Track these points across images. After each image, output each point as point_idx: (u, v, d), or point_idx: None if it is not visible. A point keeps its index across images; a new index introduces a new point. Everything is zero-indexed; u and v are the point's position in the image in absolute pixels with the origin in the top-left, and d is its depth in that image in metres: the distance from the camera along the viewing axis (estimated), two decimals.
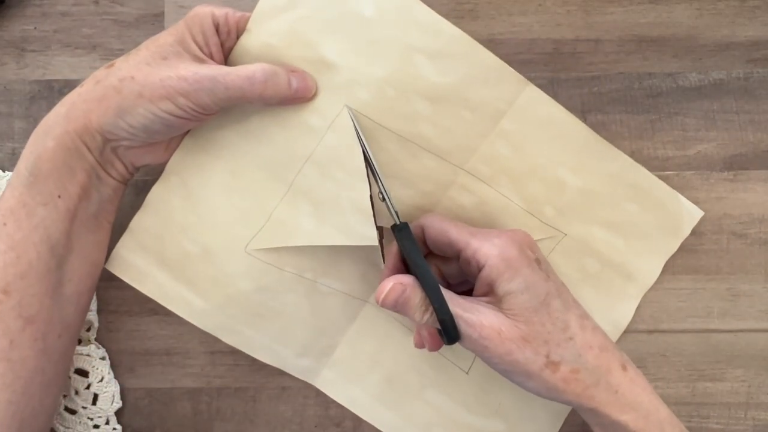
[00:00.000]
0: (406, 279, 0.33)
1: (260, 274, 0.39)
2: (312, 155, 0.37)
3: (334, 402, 0.41)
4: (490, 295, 0.34)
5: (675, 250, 0.40)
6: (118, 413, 0.41)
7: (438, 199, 0.39)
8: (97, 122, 0.34)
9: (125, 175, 0.37)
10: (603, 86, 0.41)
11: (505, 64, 0.37)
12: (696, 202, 0.40)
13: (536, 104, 0.38)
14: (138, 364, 0.41)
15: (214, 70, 0.34)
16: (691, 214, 0.40)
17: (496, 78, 0.37)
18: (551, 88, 0.41)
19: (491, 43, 0.40)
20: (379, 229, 0.37)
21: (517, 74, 0.37)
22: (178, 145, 0.38)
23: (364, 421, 0.41)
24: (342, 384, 0.41)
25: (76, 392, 0.40)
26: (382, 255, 0.37)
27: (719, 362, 0.40)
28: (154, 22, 0.42)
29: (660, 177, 0.41)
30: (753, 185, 0.41)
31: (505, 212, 0.39)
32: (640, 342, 0.40)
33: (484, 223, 0.39)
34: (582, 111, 0.41)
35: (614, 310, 0.40)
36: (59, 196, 0.34)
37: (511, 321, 0.32)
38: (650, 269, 0.40)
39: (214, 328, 0.40)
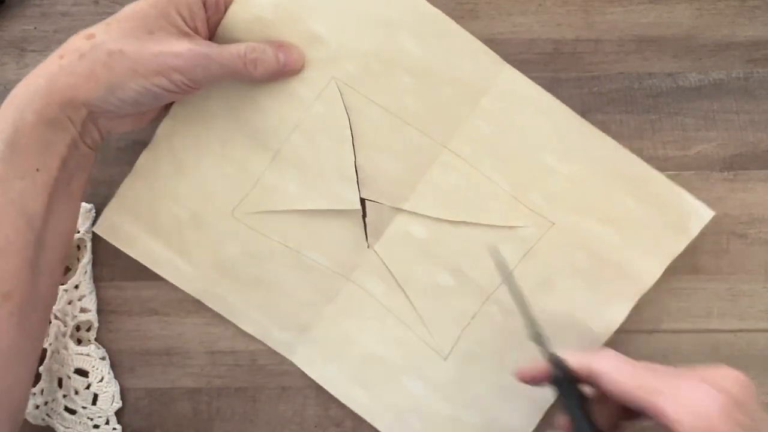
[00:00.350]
0: None
1: (247, 239, 0.40)
2: (300, 124, 0.39)
3: (334, 402, 0.41)
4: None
5: (680, 251, 0.39)
6: (118, 413, 0.41)
7: (421, 175, 0.39)
8: (84, 96, 0.33)
9: (99, 142, 0.36)
10: (603, 86, 0.41)
11: (482, 44, 0.38)
12: None
13: (516, 85, 0.39)
14: (138, 364, 0.41)
15: (207, 48, 0.35)
16: (698, 213, 0.39)
17: (474, 57, 0.38)
18: (551, 88, 0.41)
19: (491, 43, 0.40)
20: (362, 201, 0.39)
21: (494, 54, 0.38)
22: (160, 111, 0.39)
23: (365, 421, 0.41)
24: (318, 361, 0.41)
25: (76, 392, 0.40)
26: (365, 231, 0.39)
27: (719, 362, 0.40)
28: None
29: None
30: (753, 185, 0.41)
31: (490, 196, 0.39)
32: (640, 342, 0.40)
33: (465, 205, 0.39)
34: (582, 111, 0.41)
35: (606, 310, 0.39)
36: (37, 170, 0.33)
37: None
38: (649, 270, 0.39)
39: (200, 293, 0.40)
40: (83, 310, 0.40)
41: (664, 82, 0.41)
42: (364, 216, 0.40)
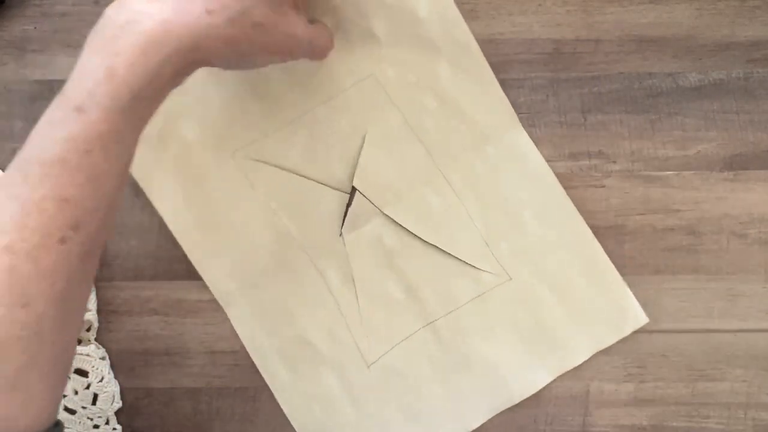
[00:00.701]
0: None
1: (235, 182, 0.41)
2: (328, 101, 0.41)
3: None
4: None
5: (608, 344, 0.40)
6: (118, 413, 0.41)
7: (412, 189, 0.41)
8: (216, 59, 0.31)
9: None
10: (603, 86, 0.41)
11: (505, 97, 0.40)
12: (696, 202, 0.40)
13: (521, 143, 0.41)
14: (138, 364, 0.41)
15: (310, 33, 0.35)
16: (636, 316, 0.40)
17: (495, 106, 0.40)
18: (551, 88, 0.41)
19: (491, 43, 0.40)
20: (353, 190, 0.40)
21: (512, 111, 0.40)
22: None
23: None
24: (252, 323, 0.41)
25: (76, 392, 0.40)
26: (344, 219, 0.41)
27: (719, 362, 0.40)
28: None
29: (660, 177, 0.41)
30: (753, 185, 0.41)
31: (464, 231, 0.41)
32: (640, 342, 0.40)
33: (441, 231, 0.41)
34: (582, 111, 0.41)
35: (530, 373, 0.40)
36: (145, 122, 0.31)
37: None
38: (579, 351, 0.40)
39: (177, 230, 0.41)
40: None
41: (664, 82, 0.41)
42: (348, 204, 0.41)
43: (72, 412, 0.40)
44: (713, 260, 0.41)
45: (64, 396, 0.40)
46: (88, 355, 0.40)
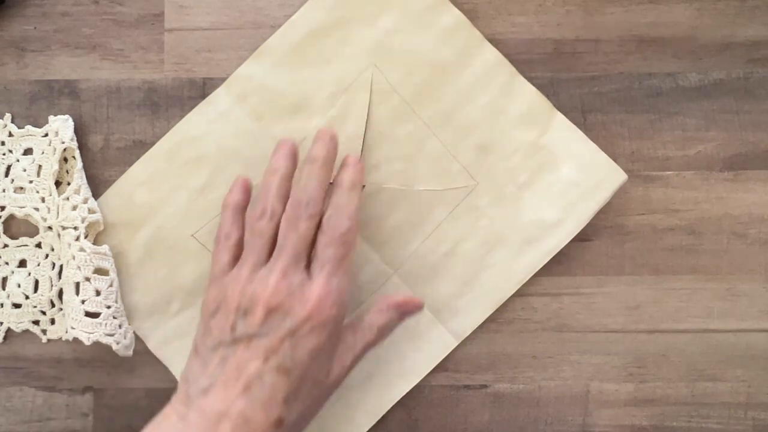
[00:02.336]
0: None
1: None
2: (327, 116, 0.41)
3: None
4: None
5: (594, 211, 0.40)
6: (117, 414, 0.41)
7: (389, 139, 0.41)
8: None
9: None
10: (603, 86, 0.41)
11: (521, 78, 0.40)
12: (696, 202, 0.40)
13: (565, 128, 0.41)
14: (138, 364, 0.41)
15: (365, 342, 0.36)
16: (613, 173, 0.40)
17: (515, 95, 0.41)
18: (551, 88, 0.41)
19: (491, 43, 0.40)
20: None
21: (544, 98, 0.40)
22: None
23: None
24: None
25: (98, 293, 0.39)
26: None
27: (719, 362, 0.40)
28: (154, 22, 0.42)
29: (660, 177, 0.41)
30: (753, 185, 0.41)
31: (429, 152, 0.40)
32: (640, 342, 0.41)
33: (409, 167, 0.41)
34: (582, 111, 0.41)
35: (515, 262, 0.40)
36: None
37: None
38: (563, 230, 0.40)
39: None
40: (91, 211, 0.40)
41: (664, 82, 0.41)
42: None
43: (95, 315, 0.39)
44: (713, 260, 0.41)
45: (83, 302, 0.38)
46: (105, 254, 0.39)
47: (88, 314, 0.38)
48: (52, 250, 0.41)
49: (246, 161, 0.40)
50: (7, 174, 0.41)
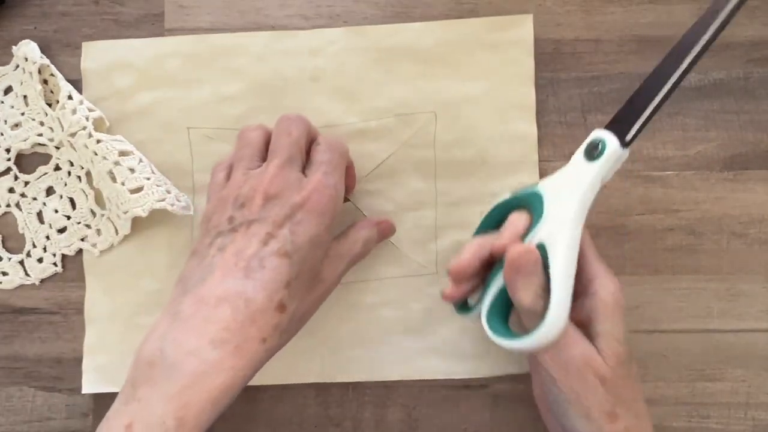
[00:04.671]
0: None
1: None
2: None
3: (334, 402, 0.41)
4: (584, 325, 0.33)
5: (530, 69, 0.40)
6: None
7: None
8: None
9: None
10: (603, 86, 0.41)
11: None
12: (696, 202, 0.40)
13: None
14: None
15: (353, 253, 0.37)
16: (520, 20, 0.40)
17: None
18: (551, 87, 0.41)
19: None
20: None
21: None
22: None
23: (364, 422, 0.41)
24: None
25: (132, 170, 0.39)
26: None
27: (719, 362, 0.40)
28: (154, 22, 0.42)
29: (660, 177, 0.41)
30: (753, 185, 0.41)
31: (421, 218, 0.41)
32: (640, 342, 0.40)
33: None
34: (582, 111, 0.41)
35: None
36: None
37: (601, 359, 0.32)
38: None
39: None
40: (90, 110, 0.40)
41: None
42: None
43: (139, 190, 0.38)
44: (713, 260, 0.41)
45: (122, 183, 0.38)
46: (122, 140, 0.40)
47: (133, 192, 0.38)
48: (72, 165, 0.41)
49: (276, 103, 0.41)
50: None
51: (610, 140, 0.32)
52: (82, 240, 0.41)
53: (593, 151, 0.32)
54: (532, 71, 0.40)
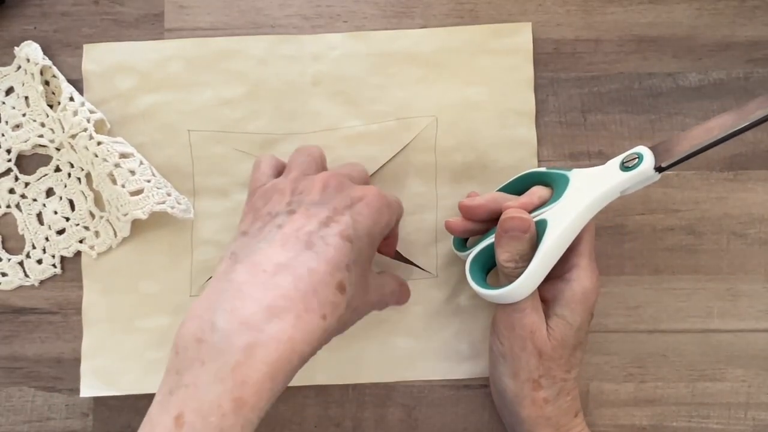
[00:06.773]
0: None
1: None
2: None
3: (333, 402, 0.41)
4: (548, 303, 0.35)
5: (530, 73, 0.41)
6: (117, 414, 0.41)
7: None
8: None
9: None
10: (603, 86, 0.41)
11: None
12: (696, 202, 0.40)
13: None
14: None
15: (392, 289, 0.36)
16: (519, 30, 0.40)
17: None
18: (551, 87, 0.41)
19: None
20: None
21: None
22: None
23: (364, 422, 0.41)
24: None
25: (132, 172, 0.39)
26: None
27: (719, 362, 0.40)
28: (154, 22, 0.42)
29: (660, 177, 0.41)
30: (753, 185, 0.41)
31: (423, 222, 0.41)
32: (640, 342, 0.40)
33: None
34: (582, 111, 0.41)
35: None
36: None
37: (546, 335, 0.34)
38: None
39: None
40: (92, 111, 0.40)
41: (664, 82, 0.41)
42: None
43: (139, 192, 0.38)
44: (713, 260, 0.41)
45: (123, 185, 0.38)
46: (122, 142, 0.39)
47: (133, 195, 0.38)
48: (72, 166, 0.41)
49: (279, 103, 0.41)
50: None
51: (647, 160, 0.33)
52: (80, 242, 0.41)
53: (629, 162, 0.34)
54: (531, 77, 0.41)
